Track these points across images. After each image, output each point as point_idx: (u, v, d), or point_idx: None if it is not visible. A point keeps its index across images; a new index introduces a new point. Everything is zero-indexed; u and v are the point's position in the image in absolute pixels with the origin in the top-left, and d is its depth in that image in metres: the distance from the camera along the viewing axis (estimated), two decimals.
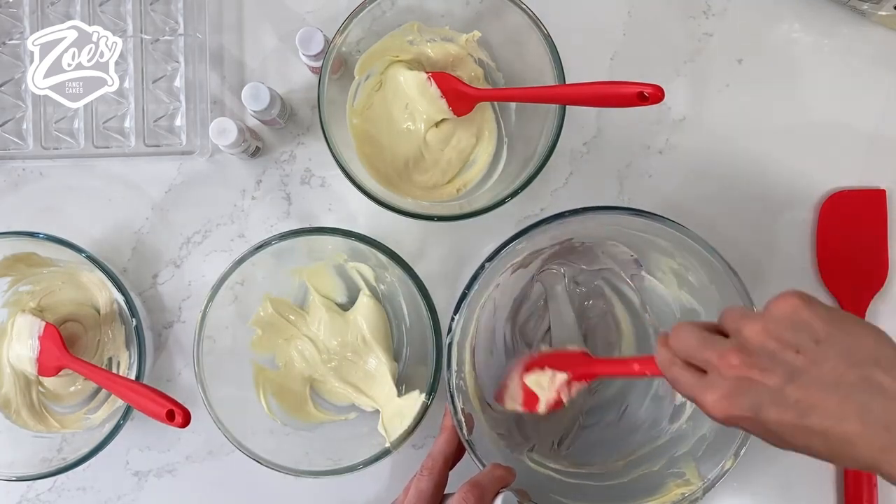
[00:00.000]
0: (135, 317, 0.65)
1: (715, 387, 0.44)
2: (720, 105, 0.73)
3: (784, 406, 0.42)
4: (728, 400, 0.44)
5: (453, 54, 0.70)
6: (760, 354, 0.43)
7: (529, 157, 0.66)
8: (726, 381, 0.44)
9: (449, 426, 0.60)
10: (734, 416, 0.44)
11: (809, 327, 0.43)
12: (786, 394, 0.42)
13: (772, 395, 0.42)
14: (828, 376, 0.42)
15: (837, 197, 0.72)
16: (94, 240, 0.72)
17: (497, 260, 0.60)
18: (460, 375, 0.61)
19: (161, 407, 0.58)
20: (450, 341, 0.60)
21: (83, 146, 0.72)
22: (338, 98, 0.69)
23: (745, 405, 0.43)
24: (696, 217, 0.65)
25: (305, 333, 0.71)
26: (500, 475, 0.56)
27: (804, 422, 0.42)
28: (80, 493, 0.72)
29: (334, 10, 0.72)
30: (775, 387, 0.42)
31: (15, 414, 0.70)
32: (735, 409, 0.43)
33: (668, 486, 0.61)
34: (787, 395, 0.42)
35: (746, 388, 0.43)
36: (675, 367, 0.47)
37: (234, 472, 0.71)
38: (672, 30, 0.73)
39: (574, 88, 0.62)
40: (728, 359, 0.44)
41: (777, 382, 0.42)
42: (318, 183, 0.73)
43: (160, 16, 0.73)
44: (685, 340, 0.47)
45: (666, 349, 0.48)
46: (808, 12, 0.73)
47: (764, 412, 0.43)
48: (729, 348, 0.44)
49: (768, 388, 0.43)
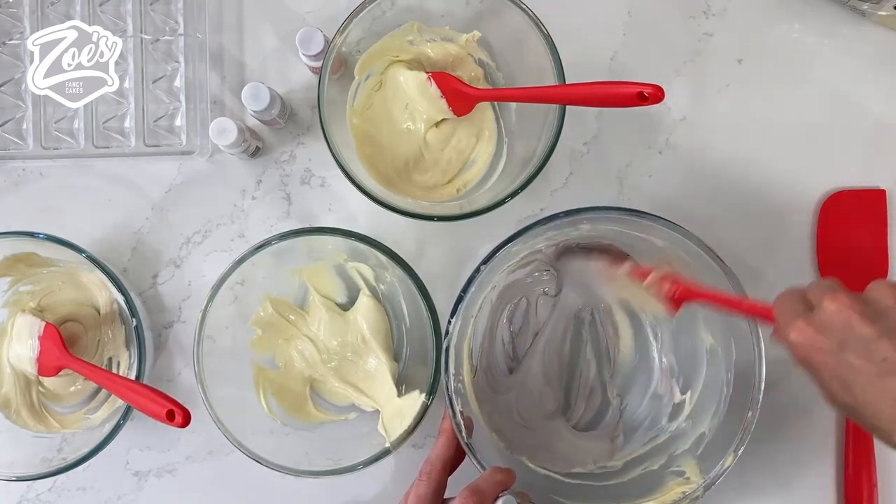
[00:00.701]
0: (135, 317, 0.65)
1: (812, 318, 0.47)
2: (720, 105, 0.73)
3: (868, 356, 0.44)
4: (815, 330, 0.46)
5: (453, 54, 0.70)
6: (868, 305, 0.45)
7: (529, 157, 0.66)
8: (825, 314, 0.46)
9: (447, 429, 0.60)
10: (815, 346, 0.46)
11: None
12: (876, 346, 0.44)
13: (863, 341, 0.44)
14: None
15: (837, 197, 0.72)
16: (94, 240, 0.72)
17: (493, 262, 0.60)
18: (458, 378, 0.61)
19: (161, 407, 0.58)
20: (447, 345, 0.60)
21: (83, 146, 0.72)
22: (338, 98, 0.69)
23: (832, 339, 0.45)
24: (695, 217, 0.65)
25: (305, 333, 0.71)
26: (500, 479, 0.56)
27: (883, 379, 0.44)
28: (80, 493, 0.72)
29: (334, 10, 0.72)
30: (869, 336, 0.44)
31: (15, 414, 0.70)
32: (817, 340, 0.46)
33: (669, 485, 0.61)
34: (877, 348, 0.44)
35: (842, 325, 0.45)
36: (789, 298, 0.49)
37: (234, 472, 0.71)
38: (672, 30, 0.73)
39: (574, 88, 0.62)
40: (838, 296, 0.46)
41: (872, 333, 0.44)
42: (318, 183, 0.73)
43: (160, 16, 0.73)
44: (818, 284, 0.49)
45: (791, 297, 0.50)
46: (808, 12, 0.73)
47: (846, 353, 0.45)
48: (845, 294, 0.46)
49: (862, 334, 0.45)
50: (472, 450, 0.59)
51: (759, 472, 0.71)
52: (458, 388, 0.60)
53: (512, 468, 0.58)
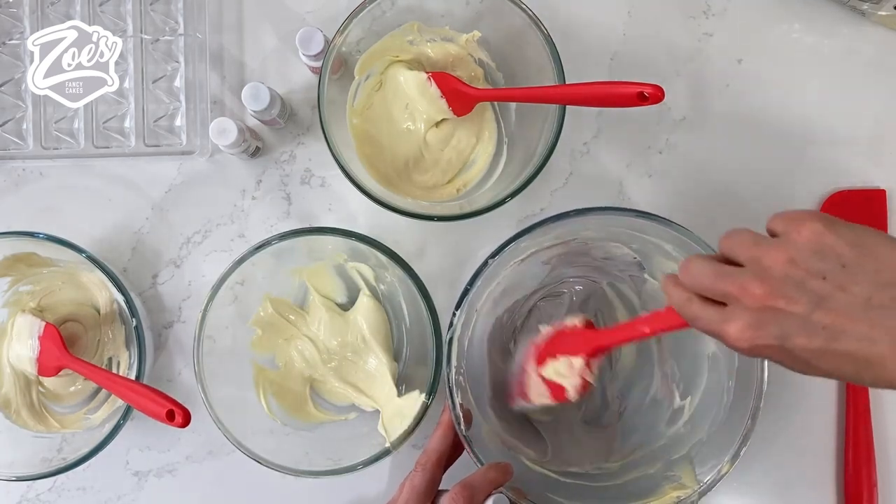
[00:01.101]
0: (135, 317, 0.65)
1: (738, 318, 0.43)
2: (720, 105, 0.73)
3: (812, 333, 0.42)
4: (753, 330, 0.43)
5: (453, 54, 0.70)
6: (785, 282, 0.42)
7: (529, 157, 0.66)
8: (749, 312, 0.43)
9: (444, 422, 0.60)
10: (760, 345, 0.43)
11: (834, 252, 0.42)
12: (813, 320, 0.42)
13: (799, 322, 0.42)
14: (856, 300, 0.41)
15: (837, 197, 0.72)
16: (94, 240, 0.72)
17: (500, 257, 0.60)
18: (459, 371, 0.62)
19: (161, 407, 0.58)
20: (450, 337, 0.60)
21: (83, 146, 0.72)
22: (338, 98, 0.69)
23: (771, 334, 0.42)
24: (696, 217, 0.65)
25: (305, 333, 0.71)
26: (494, 477, 0.56)
27: (833, 346, 0.41)
28: (80, 493, 0.72)
29: (334, 10, 0.72)
30: (802, 314, 0.42)
31: (15, 414, 0.70)
32: (761, 339, 0.43)
33: (664, 489, 0.61)
34: (814, 322, 0.42)
35: (772, 317, 0.42)
36: (693, 305, 0.46)
37: (234, 472, 0.71)
38: (672, 30, 0.73)
39: (574, 88, 0.62)
40: (750, 289, 0.43)
41: (804, 310, 0.42)
42: (318, 183, 0.73)
43: (160, 16, 0.73)
44: (699, 275, 0.45)
45: (679, 288, 0.46)
46: (808, 12, 0.73)
47: (791, 340, 0.42)
48: (750, 278, 0.43)
49: (795, 315, 0.42)
50: (470, 442, 0.59)
51: (759, 472, 0.71)
52: (458, 381, 0.60)
53: (510, 463, 0.58)
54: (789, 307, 0.42)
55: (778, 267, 0.43)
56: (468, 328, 0.64)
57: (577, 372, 0.58)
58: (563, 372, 0.59)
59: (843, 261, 0.42)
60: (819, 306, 0.42)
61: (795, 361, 0.43)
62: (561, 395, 0.60)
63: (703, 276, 0.45)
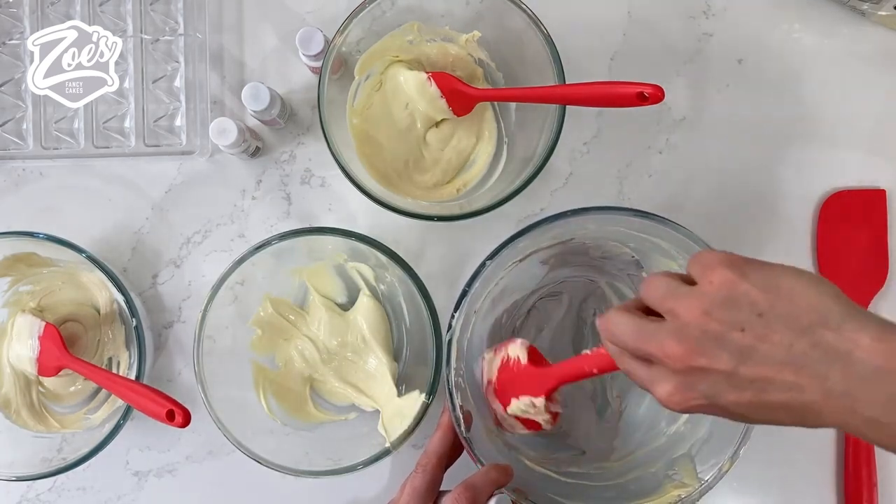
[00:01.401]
0: (135, 317, 0.65)
1: (665, 381, 0.42)
2: (720, 105, 0.73)
3: (740, 388, 0.41)
4: (681, 393, 0.42)
5: (453, 54, 0.70)
6: (703, 340, 0.41)
7: (529, 157, 0.66)
8: (674, 375, 0.42)
9: (444, 423, 0.60)
10: (692, 406, 0.42)
11: (748, 300, 0.41)
12: (739, 375, 0.40)
13: (725, 379, 0.41)
14: (778, 349, 0.40)
15: (837, 197, 0.72)
16: (94, 240, 0.72)
17: (498, 258, 0.60)
18: (459, 372, 0.62)
19: (161, 407, 0.58)
20: (449, 338, 0.60)
21: (83, 146, 0.72)
22: (338, 98, 0.69)
23: (700, 395, 0.42)
24: (695, 217, 0.65)
25: (305, 333, 0.71)
26: (495, 477, 0.56)
27: (764, 398, 0.40)
28: (80, 493, 0.72)
29: (334, 10, 0.72)
30: (727, 370, 0.41)
31: (15, 414, 0.70)
32: (691, 400, 0.42)
33: (665, 488, 0.61)
34: (741, 377, 0.40)
35: (698, 377, 0.41)
36: (625, 358, 0.45)
37: (234, 472, 0.71)
38: (672, 30, 0.73)
39: (574, 88, 0.62)
40: (670, 351, 0.42)
41: (727, 366, 0.41)
42: (318, 183, 0.73)
43: (160, 16, 0.73)
44: (620, 335, 0.44)
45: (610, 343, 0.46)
46: (808, 12, 0.73)
47: (721, 398, 0.41)
48: (668, 337, 0.42)
49: (720, 373, 0.41)
50: (471, 444, 0.59)
51: (759, 472, 0.71)
52: (458, 383, 0.60)
53: (510, 465, 0.58)
54: (713, 365, 0.41)
55: (694, 322, 0.41)
56: (467, 329, 0.64)
57: (542, 410, 0.58)
58: (528, 410, 0.59)
59: (758, 309, 0.40)
60: (742, 361, 0.40)
61: (732, 415, 0.43)
62: (536, 427, 0.60)
63: (625, 337, 0.44)
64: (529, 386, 0.58)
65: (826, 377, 0.39)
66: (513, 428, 0.62)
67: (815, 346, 0.39)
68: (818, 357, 0.39)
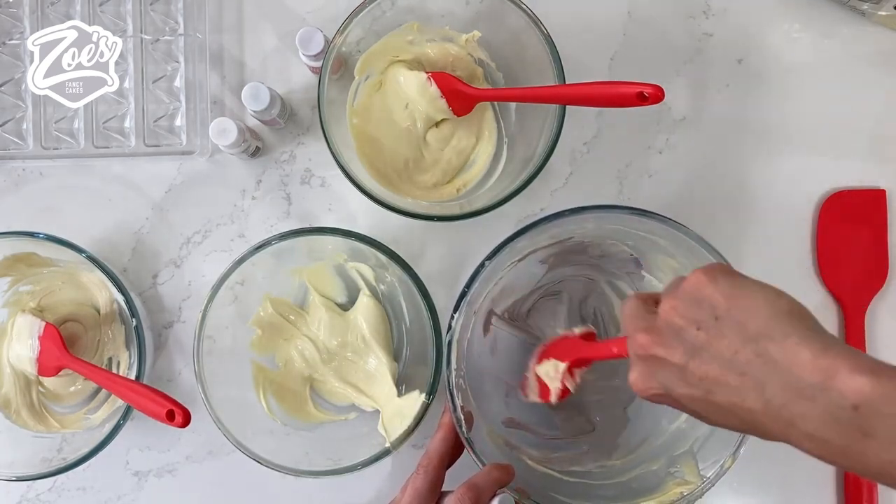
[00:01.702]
0: (135, 317, 0.65)
1: (633, 365, 0.46)
2: (720, 105, 0.73)
3: (689, 383, 0.43)
4: (643, 380, 0.45)
5: (453, 54, 0.70)
6: (666, 332, 0.44)
7: (529, 157, 0.66)
8: (639, 361, 0.45)
9: (445, 424, 0.60)
10: (651, 394, 0.45)
11: (710, 303, 0.43)
12: (689, 370, 0.43)
13: (678, 373, 0.43)
14: (725, 353, 0.41)
15: (837, 197, 0.72)
16: (94, 240, 0.72)
17: (497, 258, 0.60)
18: (460, 373, 0.62)
19: (161, 407, 0.58)
20: (449, 339, 0.60)
21: (83, 146, 0.72)
22: (338, 98, 0.69)
23: (657, 384, 0.44)
24: (695, 217, 0.65)
25: (305, 333, 0.71)
26: (497, 477, 0.56)
27: (712, 398, 0.42)
28: (80, 493, 0.72)
29: (334, 10, 0.72)
30: (679, 364, 0.43)
31: (15, 414, 0.70)
32: (650, 389, 0.45)
33: (668, 485, 0.61)
34: (691, 372, 0.42)
35: (655, 366, 0.44)
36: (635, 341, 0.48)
37: (234, 472, 0.71)
38: (672, 30, 0.73)
39: (574, 88, 0.62)
40: (637, 338, 0.45)
41: (680, 360, 0.43)
42: (318, 183, 0.73)
43: (160, 16, 0.73)
44: (624, 314, 0.48)
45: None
46: (808, 12, 0.73)
47: (673, 390, 0.43)
48: (640, 327, 0.45)
49: (673, 365, 0.43)
50: (472, 444, 0.59)
51: (759, 471, 0.71)
52: (458, 383, 0.61)
53: (511, 465, 0.58)
54: (668, 356, 0.43)
55: (664, 315, 0.44)
56: (467, 330, 0.64)
57: (559, 376, 0.59)
58: (550, 374, 0.60)
59: (716, 312, 0.42)
60: (693, 357, 0.42)
61: (690, 412, 0.44)
62: (546, 396, 0.61)
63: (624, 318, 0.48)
64: (563, 352, 0.60)
65: (764, 387, 0.40)
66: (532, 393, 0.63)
67: (759, 355, 0.40)
68: (759, 366, 0.40)
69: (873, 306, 0.71)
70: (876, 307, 0.72)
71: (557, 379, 0.60)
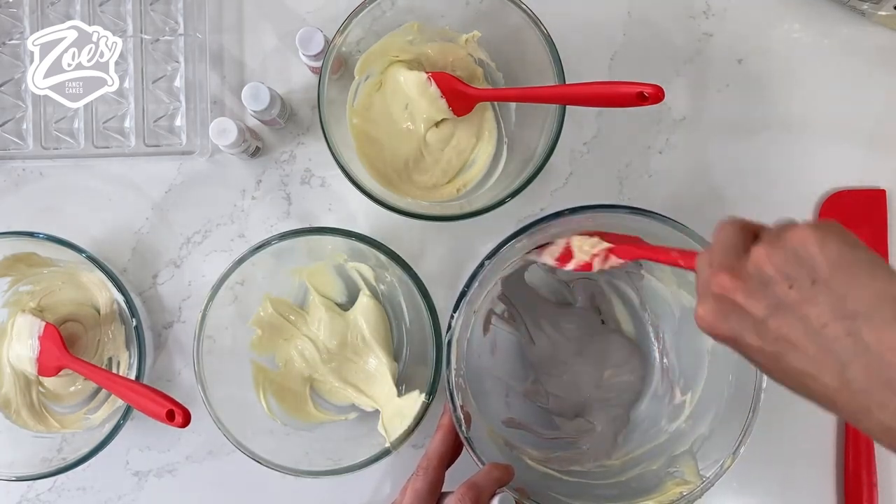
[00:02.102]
0: (135, 317, 0.66)
1: (704, 299, 0.44)
2: (720, 105, 0.73)
3: (764, 337, 0.41)
4: (712, 317, 0.43)
5: (453, 54, 0.70)
6: (753, 279, 0.41)
7: (529, 157, 0.66)
8: (713, 298, 0.43)
9: (445, 425, 0.60)
10: (718, 334, 0.43)
11: (811, 264, 0.40)
12: (767, 325, 0.41)
13: (752, 324, 0.41)
14: (813, 321, 0.39)
15: (837, 197, 0.72)
16: (94, 240, 0.72)
17: (496, 258, 0.60)
18: (460, 373, 0.62)
19: (161, 407, 0.58)
20: (449, 339, 0.60)
21: (83, 146, 0.72)
22: (338, 98, 0.69)
23: (727, 327, 0.42)
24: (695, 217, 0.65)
25: (305, 333, 0.71)
26: (497, 476, 0.56)
27: (782, 360, 0.41)
28: (80, 493, 0.72)
29: (334, 10, 0.72)
30: (758, 315, 0.41)
31: (15, 414, 0.70)
32: (718, 328, 0.43)
33: (667, 485, 0.61)
34: (768, 327, 0.41)
35: (730, 309, 0.42)
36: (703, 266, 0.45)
37: (234, 472, 0.71)
38: (672, 30, 0.73)
39: (574, 88, 0.62)
40: (719, 277, 0.43)
41: (760, 312, 0.41)
42: (318, 183, 0.73)
43: (160, 16, 0.73)
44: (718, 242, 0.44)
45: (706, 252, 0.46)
46: (808, 12, 0.73)
47: (744, 338, 0.42)
48: (726, 264, 0.43)
49: (750, 315, 0.41)
50: (472, 443, 0.59)
51: (759, 472, 0.71)
52: (458, 383, 0.61)
53: (511, 464, 0.58)
54: (747, 305, 0.41)
55: (754, 260, 0.42)
56: (467, 329, 0.64)
57: (594, 252, 0.58)
58: (584, 248, 0.59)
59: (815, 275, 0.40)
60: (776, 313, 0.41)
61: (754, 363, 0.43)
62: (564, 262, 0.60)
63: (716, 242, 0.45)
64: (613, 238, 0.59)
65: (846, 367, 0.38)
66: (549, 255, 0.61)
67: (849, 334, 0.39)
68: (846, 345, 0.39)
69: None
70: None
71: (589, 254, 0.58)
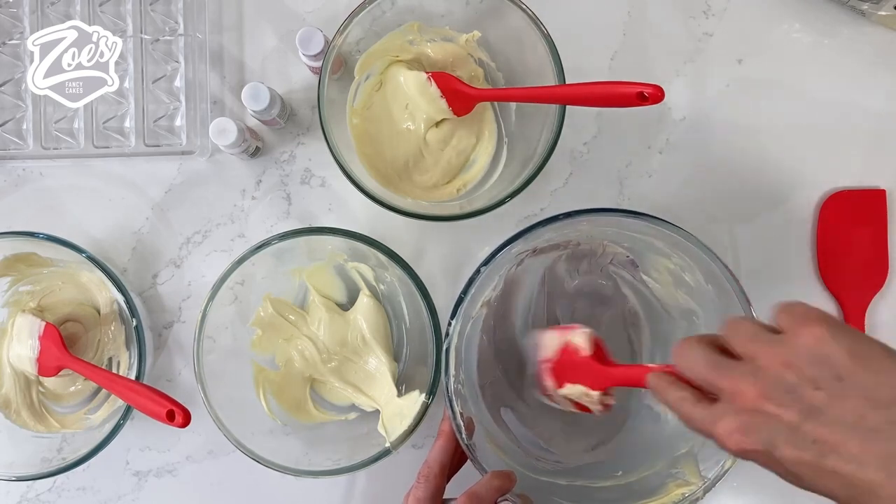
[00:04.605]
0: (135, 317, 0.66)
1: (728, 419, 0.42)
2: (720, 105, 0.73)
3: (801, 445, 0.40)
4: (741, 434, 0.41)
5: (453, 54, 0.70)
6: (777, 387, 0.40)
7: (529, 157, 0.66)
8: (739, 413, 0.41)
9: (445, 431, 0.60)
10: (748, 450, 0.41)
11: (832, 362, 0.40)
12: (803, 431, 0.39)
13: (788, 431, 0.40)
14: (848, 416, 0.39)
15: (837, 197, 0.72)
16: (94, 240, 0.72)
17: (492, 264, 0.60)
18: (458, 379, 0.61)
19: (161, 407, 0.58)
20: (447, 346, 0.60)
21: (83, 146, 0.72)
22: (338, 98, 0.69)
23: (759, 440, 0.41)
24: (695, 216, 0.65)
25: (305, 333, 0.71)
26: (498, 485, 0.56)
27: (822, 462, 0.39)
28: (80, 493, 0.72)
29: (334, 10, 0.72)
30: (792, 423, 0.40)
31: (15, 414, 0.70)
32: (749, 443, 0.41)
33: (669, 487, 0.61)
34: (804, 433, 0.39)
35: (761, 422, 0.41)
36: (685, 404, 0.45)
37: (234, 472, 0.71)
38: (672, 30, 0.73)
39: (574, 88, 0.62)
40: (742, 388, 0.41)
41: (794, 419, 0.40)
42: (318, 183, 0.73)
43: (160, 16, 0.73)
44: (694, 364, 0.44)
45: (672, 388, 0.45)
46: (808, 12, 0.73)
47: (779, 450, 0.40)
48: (742, 376, 0.41)
49: (784, 423, 0.40)
50: (473, 451, 0.59)
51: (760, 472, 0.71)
52: (457, 390, 0.60)
53: (513, 471, 0.58)
54: (780, 413, 0.40)
55: (773, 369, 0.41)
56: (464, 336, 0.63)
57: (596, 400, 0.57)
58: (581, 398, 0.58)
59: (839, 372, 0.39)
60: (810, 417, 0.39)
61: (787, 473, 0.42)
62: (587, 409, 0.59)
63: (698, 366, 0.44)
64: (587, 377, 0.57)
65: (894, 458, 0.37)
66: (562, 404, 0.60)
67: (890, 423, 0.38)
68: (890, 435, 0.38)
69: (873, 306, 0.71)
70: (876, 307, 0.72)
71: (594, 403, 0.57)
